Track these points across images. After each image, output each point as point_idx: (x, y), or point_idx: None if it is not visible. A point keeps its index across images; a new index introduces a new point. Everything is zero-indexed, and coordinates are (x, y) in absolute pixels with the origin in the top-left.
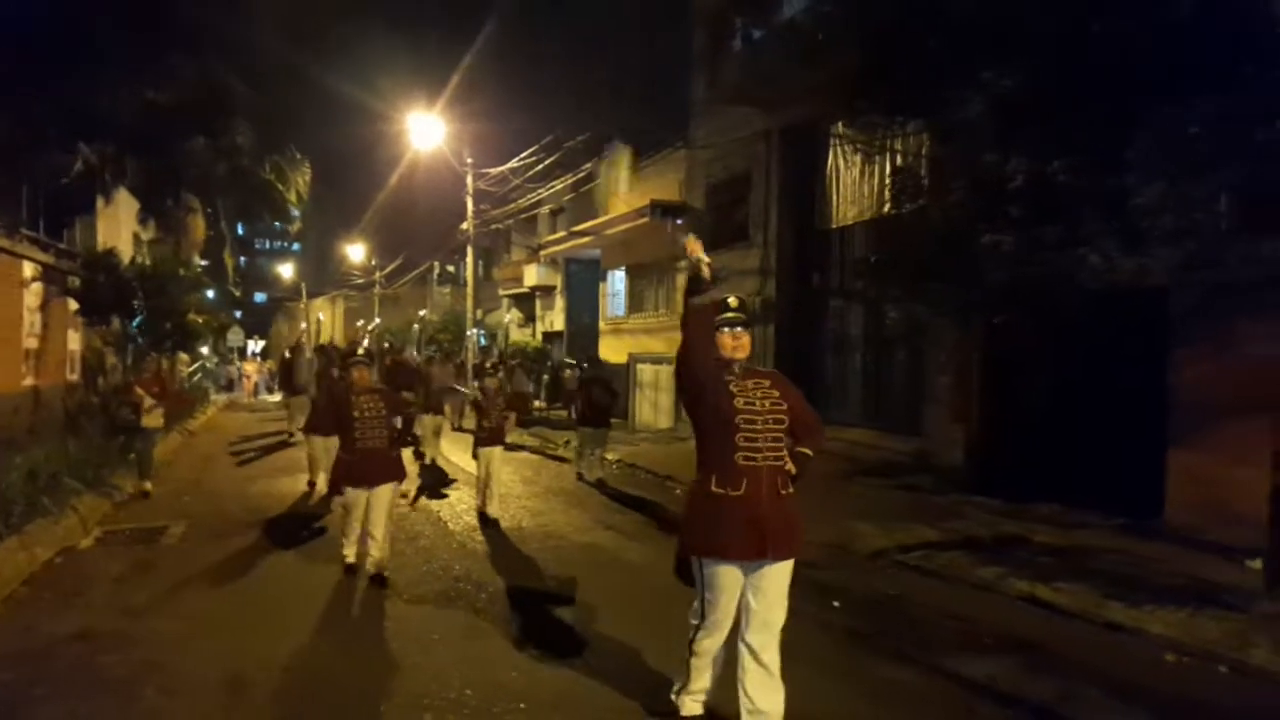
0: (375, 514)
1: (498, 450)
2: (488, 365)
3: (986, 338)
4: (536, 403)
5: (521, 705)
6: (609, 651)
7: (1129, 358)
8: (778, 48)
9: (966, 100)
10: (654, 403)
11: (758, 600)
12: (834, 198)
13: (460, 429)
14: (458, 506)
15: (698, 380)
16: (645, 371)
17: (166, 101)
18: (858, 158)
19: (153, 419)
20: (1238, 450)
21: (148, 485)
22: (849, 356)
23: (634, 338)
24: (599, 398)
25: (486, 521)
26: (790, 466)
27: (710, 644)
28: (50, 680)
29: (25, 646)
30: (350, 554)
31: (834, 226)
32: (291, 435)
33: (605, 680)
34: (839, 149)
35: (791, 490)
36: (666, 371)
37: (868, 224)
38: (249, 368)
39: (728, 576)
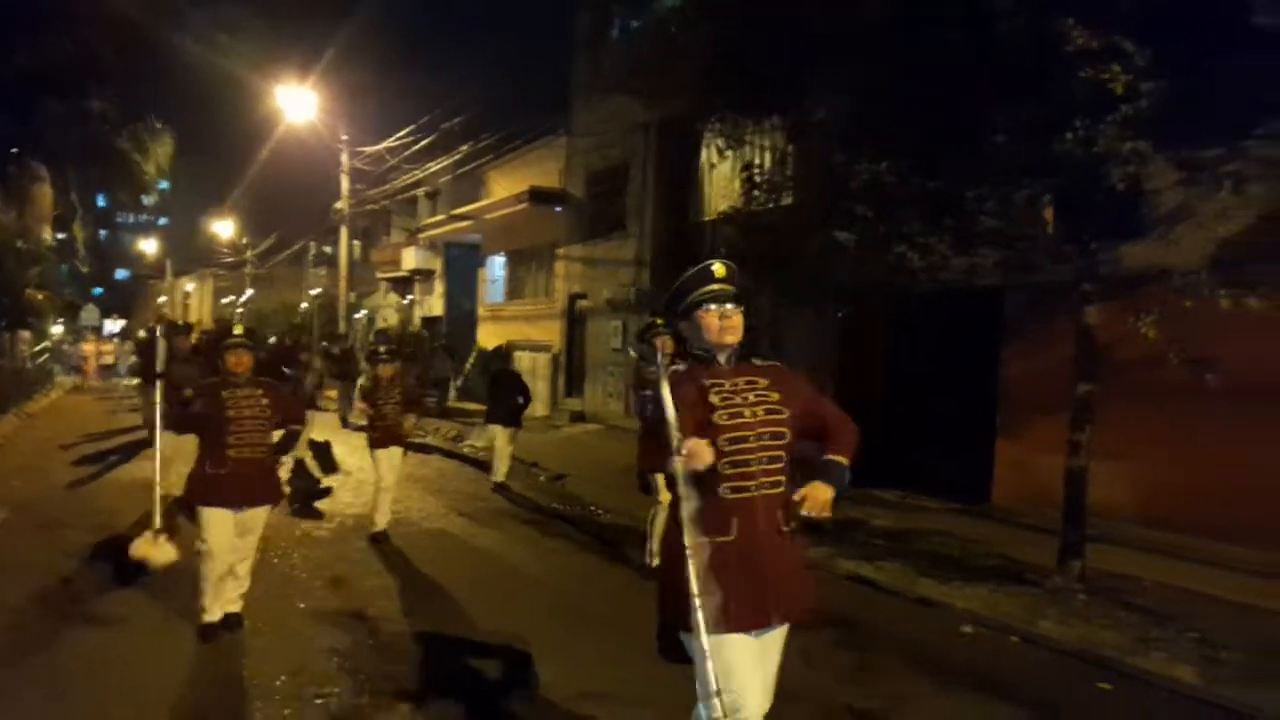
0: (244, 546)
1: (397, 452)
2: (382, 350)
3: (839, 332)
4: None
5: None
6: None
7: (968, 353)
8: (652, 40)
9: (809, 103)
10: (532, 391)
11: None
12: (707, 190)
13: (349, 425)
14: (348, 526)
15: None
16: (523, 359)
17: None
18: (729, 151)
19: None
20: (1053, 440)
21: None
22: None
23: (513, 325)
24: (512, 396)
25: (379, 540)
26: (813, 493)
27: None
28: None
29: None
30: (210, 607)
31: (706, 219)
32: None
33: None
34: (712, 143)
35: (794, 526)
36: (544, 359)
37: (735, 217)
38: (87, 348)
39: (744, 648)
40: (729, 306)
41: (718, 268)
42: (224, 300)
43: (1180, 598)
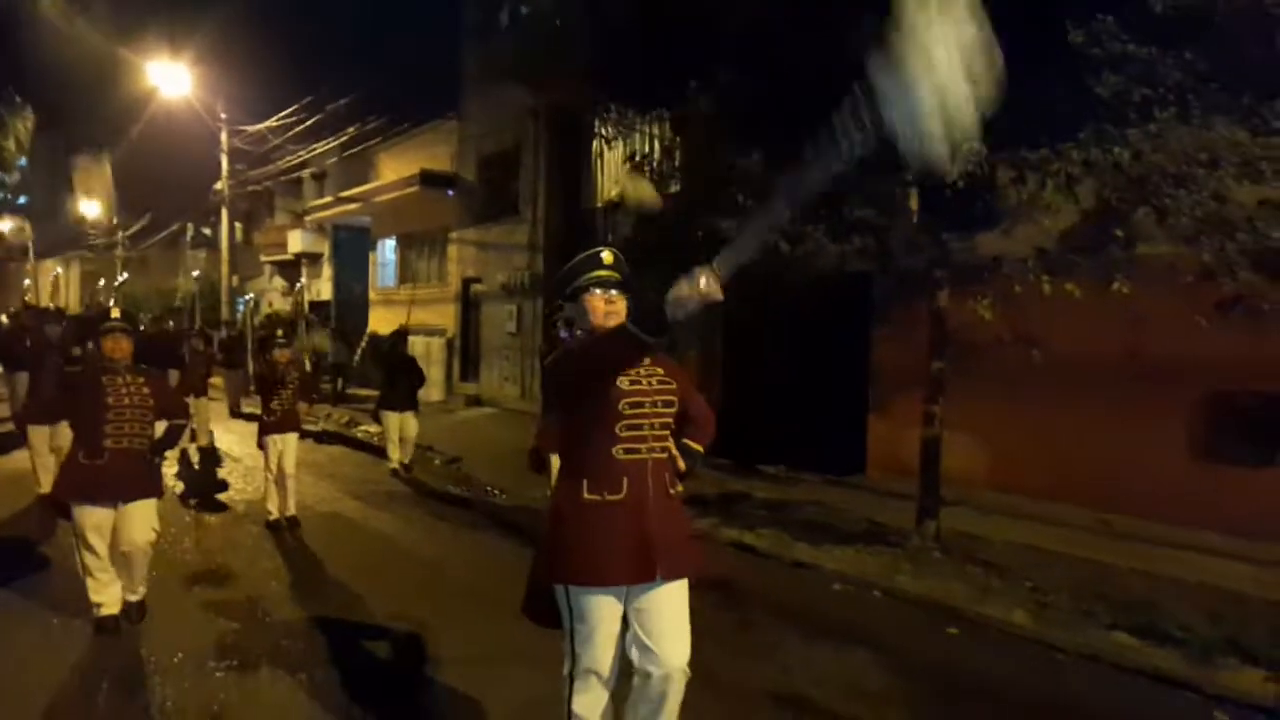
0: (129, 538)
1: (293, 438)
2: (278, 334)
3: (724, 317)
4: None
5: None
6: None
7: (843, 336)
8: (539, 29)
9: (690, 96)
10: (427, 375)
11: (655, 634)
12: (598, 177)
13: (239, 414)
14: (242, 514)
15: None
16: (416, 344)
17: None
18: (617, 140)
19: None
20: (917, 416)
21: None
22: None
23: (405, 309)
24: (406, 379)
25: (279, 529)
26: (679, 461)
27: (591, 702)
28: None
29: None
30: (105, 601)
31: (598, 205)
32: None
33: None
34: (601, 130)
35: (680, 490)
36: (438, 344)
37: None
38: None
39: (605, 606)
40: (613, 292)
41: (605, 255)
42: (99, 284)
43: (1020, 553)
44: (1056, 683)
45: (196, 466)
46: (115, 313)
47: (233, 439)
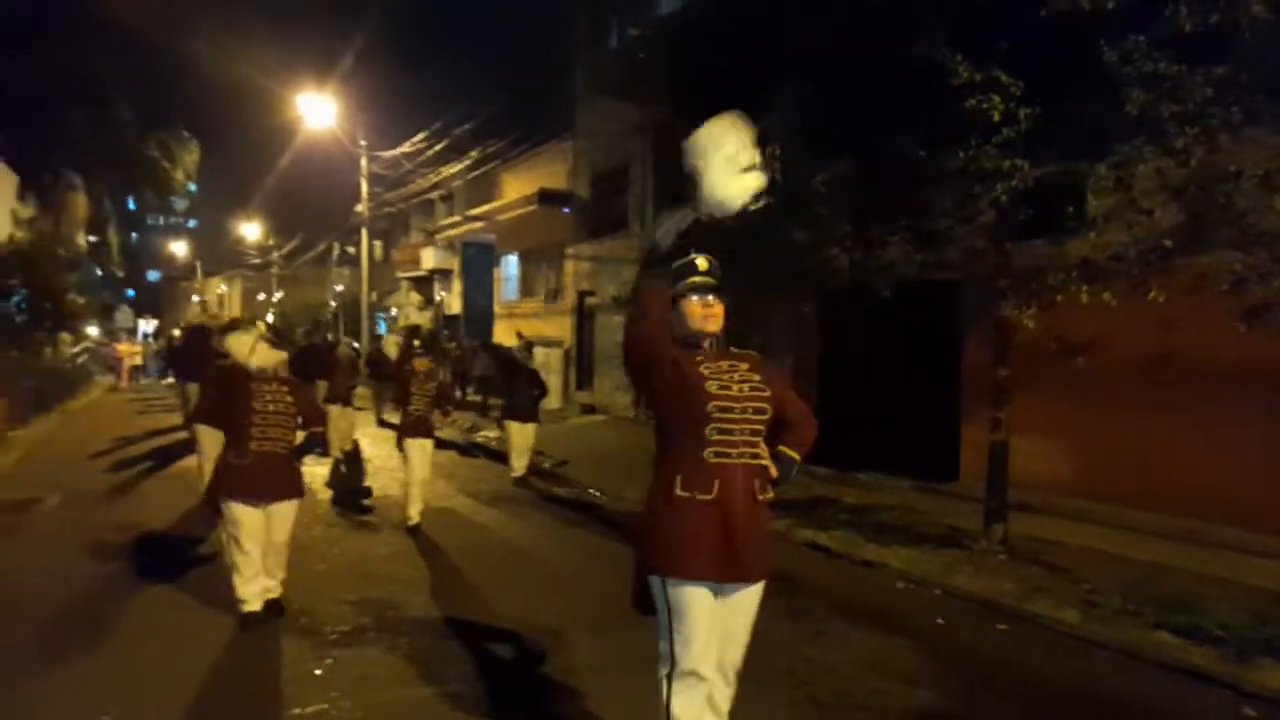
0: (274, 538)
1: (428, 444)
2: (416, 345)
3: (820, 326)
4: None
5: None
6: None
7: (937, 344)
8: (643, 49)
9: (770, 114)
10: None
11: (726, 634)
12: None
13: (386, 424)
14: (382, 519)
15: (656, 363)
16: (537, 354)
17: (46, 85)
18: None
19: None
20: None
21: None
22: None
23: (526, 321)
24: (528, 391)
25: (413, 531)
26: (772, 468)
27: (690, 701)
28: None
29: None
30: (249, 597)
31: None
32: (185, 425)
33: None
34: None
35: (770, 495)
36: (557, 354)
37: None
38: (122, 350)
39: (699, 601)
40: (710, 297)
41: (701, 261)
42: (258, 298)
43: (1085, 557)
44: (1090, 676)
45: (343, 471)
46: (262, 325)
47: (378, 448)
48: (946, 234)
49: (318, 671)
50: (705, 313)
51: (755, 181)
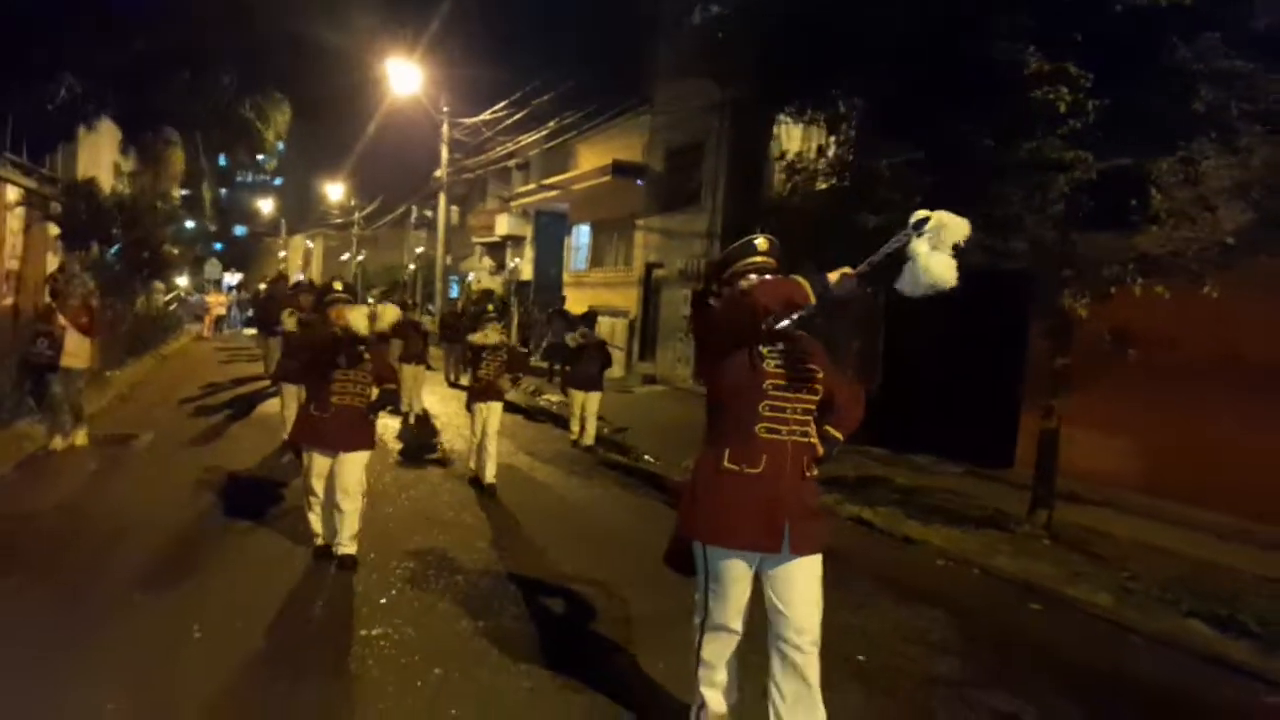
0: (342, 484)
1: (497, 406)
2: (489, 309)
3: (888, 310)
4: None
5: None
6: (633, 664)
7: (1002, 331)
8: (724, 27)
9: (839, 100)
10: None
11: (785, 602)
12: (777, 169)
13: (456, 384)
14: (448, 471)
15: (738, 351)
16: (603, 324)
17: (151, 50)
18: (797, 132)
19: (76, 357)
20: (1071, 412)
21: (78, 438)
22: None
23: (594, 291)
24: (594, 362)
25: (482, 489)
26: (818, 447)
27: (718, 650)
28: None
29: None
30: (321, 532)
31: (776, 197)
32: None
33: (629, 696)
34: (782, 125)
35: (816, 473)
36: (622, 324)
37: (804, 197)
38: (212, 300)
39: (736, 568)
40: (767, 277)
41: (760, 242)
42: (342, 258)
43: (1130, 547)
44: (1118, 658)
45: (413, 428)
46: (338, 284)
47: (446, 406)
48: (1014, 222)
49: (382, 601)
50: None
51: (954, 271)
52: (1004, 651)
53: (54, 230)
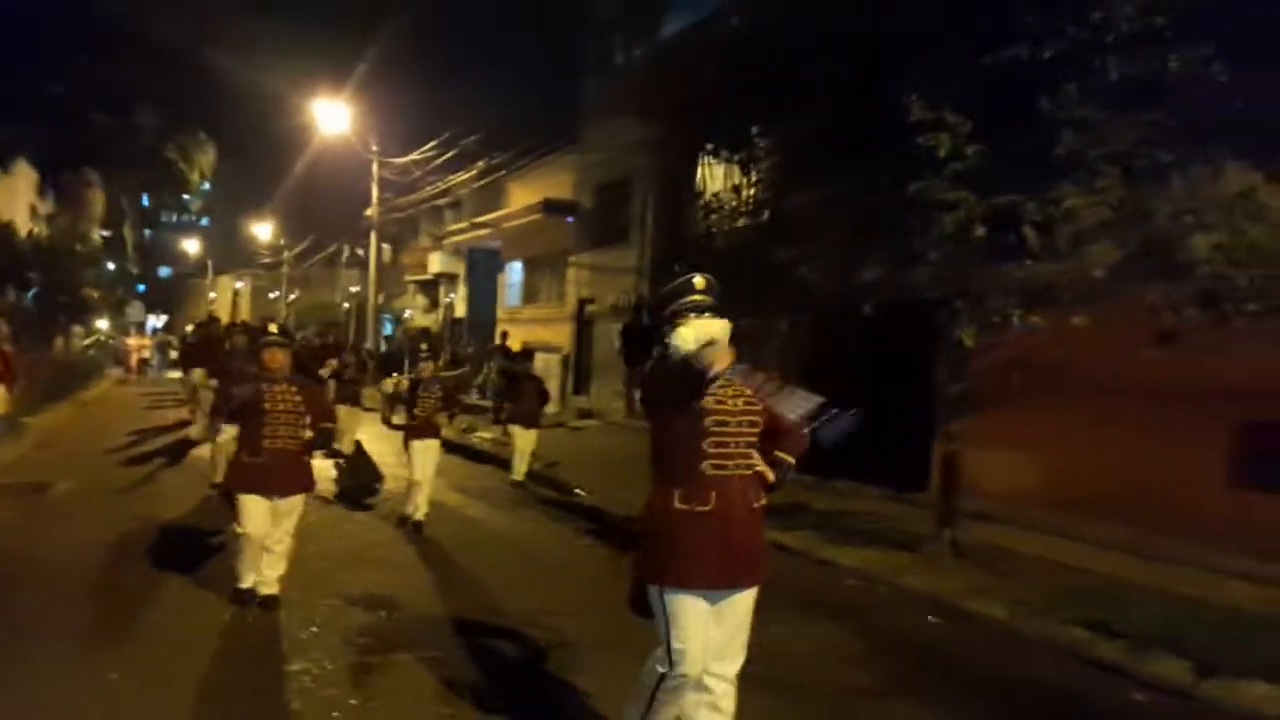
0: (279, 529)
1: (434, 444)
2: (423, 349)
3: (809, 340)
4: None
5: None
6: (559, 691)
7: (914, 361)
8: (649, 68)
9: (752, 142)
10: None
11: (719, 634)
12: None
13: (392, 425)
14: (379, 512)
15: (677, 407)
16: (538, 361)
17: (71, 93)
18: (720, 171)
19: None
20: (974, 437)
21: None
22: None
23: (528, 327)
24: (532, 397)
25: (414, 529)
26: (768, 474)
27: (672, 699)
28: None
29: None
30: (246, 579)
31: (700, 234)
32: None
33: None
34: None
35: (764, 501)
36: (556, 360)
37: (724, 234)
38: (132, 343)
39: (697, 607)
40: (707, 315)
41: (698, 280)
42: (272, 296)
43: (1031, 564)
44: (1008, 663)
45: (347, 469)
46: (273, 328)
47: (383, 446)
48: (916, 257)
49: (303, 636)
50: None
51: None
52: (900, 657)
53: None
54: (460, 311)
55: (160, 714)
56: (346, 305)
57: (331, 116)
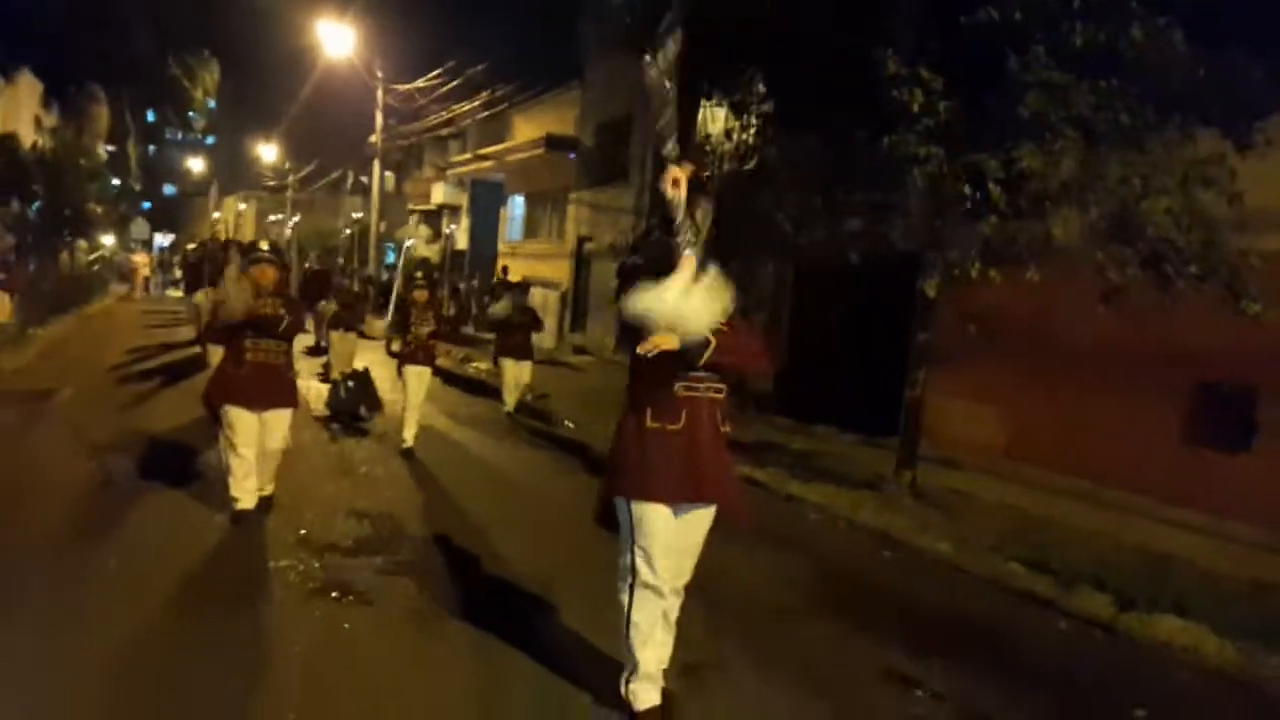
0: (266, 443)
1: (426, 371)
2: (418, 276)
3: (795, 285)
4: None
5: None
6: (558, 627)
7: (893, 311)
8: (650, 5)
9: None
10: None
11: (676, 546)
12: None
13: (393, 353)
14: (377, 439)
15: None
16: (535, 295)
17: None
18: (721, 114)
19: None
20: (943, 386)
21: None
22: None
23: (527, 262)
24: (523, 327)
25: (407, 455)
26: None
27: (649, 611)
28: None
29: None
30: (242, 495)
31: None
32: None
33: (554, 665)
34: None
35: (729, 428)
36: (554, 296)
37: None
38: (138, 259)
39: (662, 520)
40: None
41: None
42: (272, 219)
43: (985, 507)
44: (948, 595)
45: (342, 395)
46: (264, 244)
47: (381, 373)
48: (892, 209)
49: (290, 540)
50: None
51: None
52: (842, 587)
53: None
54: (462, 243)
55: (152, 597)
56: (349, 231)
57: (336, 39)
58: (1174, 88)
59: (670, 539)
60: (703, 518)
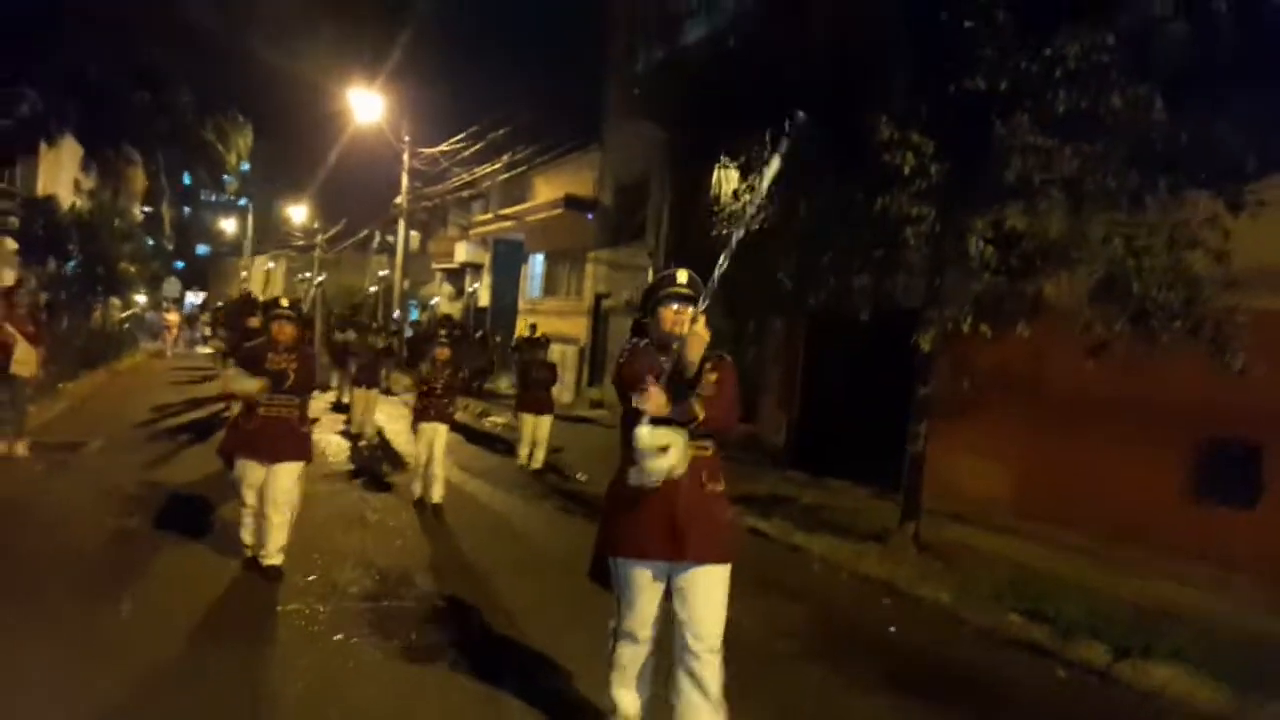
0: (272, 495)
1: (443, 428)
2: (441, 334)
3: (807, 341)
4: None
5: None
6: (558, 677)
7: (902, 365)
8: (668, 74)
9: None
10: (561, 380)
11: (684, 609)
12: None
13: (387, 391)
14: (394, 492)
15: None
16: (554, 352)
17: (106, 73)
18: (734, 175)
19: (23, 365)
20: (951, 442)
21: (20, 448)
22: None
23: (546, 319)
24: (542, 382)
25: (425, 509)
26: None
27: (629, 654)
28: None
29: None
30: (251, 544)
31: (713, 235)
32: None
33: (551, 713)
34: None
35: (721, 487)
36: (572, 351)
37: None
38: (171, 318)
39: (643, 578)
40: (676, 305)
41: (680, 274)
42: (300, 278)
43: (987, 560)
44: (948, 643)
45: (363, 449)
46: (285, 302)
47: (401, 427)
48: (893, 267)
49: (299, 583)
50: (675, 318)
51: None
52: (846, 633)
53: (11, 245)
54: (484, 300)
55: (161, 637)
56: (374, 289)
57: (365, 105)
58: (1157, 151)
59: (652, 594)
60: (705, 577)
